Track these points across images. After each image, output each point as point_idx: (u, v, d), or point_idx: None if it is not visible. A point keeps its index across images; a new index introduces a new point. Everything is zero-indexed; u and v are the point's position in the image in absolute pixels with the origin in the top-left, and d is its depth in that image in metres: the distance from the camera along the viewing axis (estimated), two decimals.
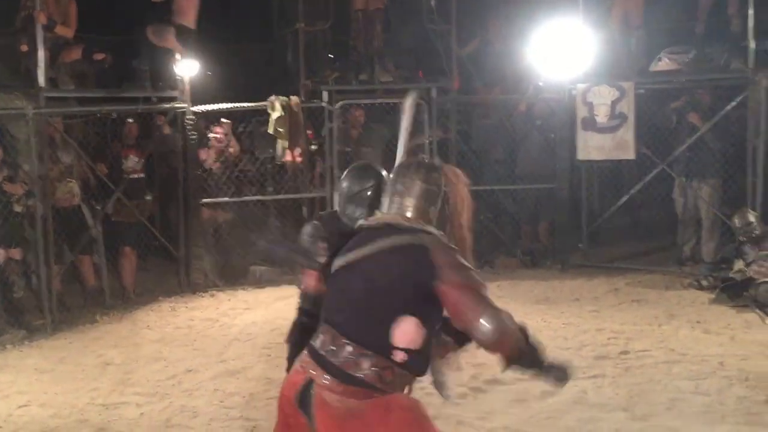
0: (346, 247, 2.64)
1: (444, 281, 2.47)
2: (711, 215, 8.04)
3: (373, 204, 3.17)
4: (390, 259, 2.52)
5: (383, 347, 2.48)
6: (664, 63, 8.44)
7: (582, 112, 8.33)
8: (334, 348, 2.51)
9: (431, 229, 2.59)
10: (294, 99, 8.32)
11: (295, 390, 2.56)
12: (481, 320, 2.41)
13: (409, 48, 9.19)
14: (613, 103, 8.20)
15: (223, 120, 8.59)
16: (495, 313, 2.43)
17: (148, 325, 7.07)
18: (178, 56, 8.05)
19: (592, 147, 8.35)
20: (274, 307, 7.53)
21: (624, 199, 8.66)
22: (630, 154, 8.21)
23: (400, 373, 2.51)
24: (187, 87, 8.19)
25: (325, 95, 8.60)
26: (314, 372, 2.52)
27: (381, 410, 2.48)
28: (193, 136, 8.22)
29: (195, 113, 8.21)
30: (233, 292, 8.13)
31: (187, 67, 8.19)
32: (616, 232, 9.41)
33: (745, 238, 7.00)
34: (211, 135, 8.56)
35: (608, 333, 6.30)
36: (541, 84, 8.87)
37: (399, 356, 2.48)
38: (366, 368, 2.47)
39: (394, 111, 8.86)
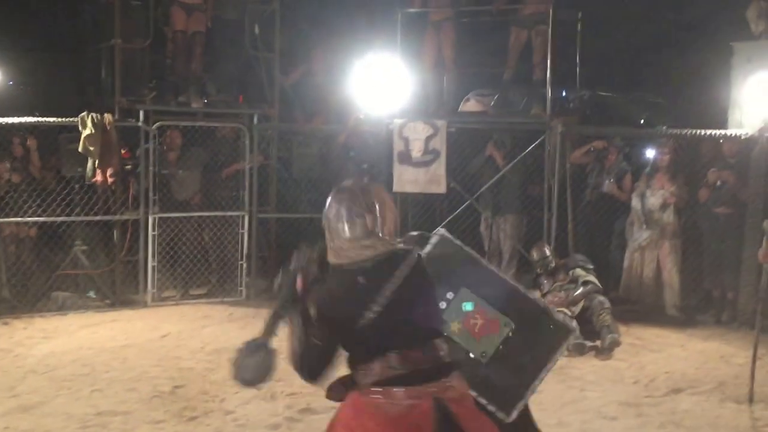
0: (361, 299, 2.64)
1: None
2: (510, 248, 8.65)
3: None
4: (413, 282, 2.70)
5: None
6: (471, 104, 9.03)
7: (398, 146, 8.67)
8: (429, 354, 2.66)
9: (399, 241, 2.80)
10: (107, 117, 7.96)
11: (429, 421, 2.58)
12: None
13: (232, 73, 9.13)
14: (427, 139, 8.61)
15: (25, 134, 8.03)
16: None
17: None
18: None
19: (406, 180, 8.70)
20: (78, 335, 7.09)
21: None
22: (441, 189, 8.65)
23: None
24: None
25: (141, 115, 8.32)
26: (432, 390, 2.61)
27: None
28: None
29: None
30: (30, 320, 7.55)
31: None
32: None
33: (541, 270, 7.56)
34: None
35: None
36: (362, 117, 9.13)
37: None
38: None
39: (214, 135, 8.76)
